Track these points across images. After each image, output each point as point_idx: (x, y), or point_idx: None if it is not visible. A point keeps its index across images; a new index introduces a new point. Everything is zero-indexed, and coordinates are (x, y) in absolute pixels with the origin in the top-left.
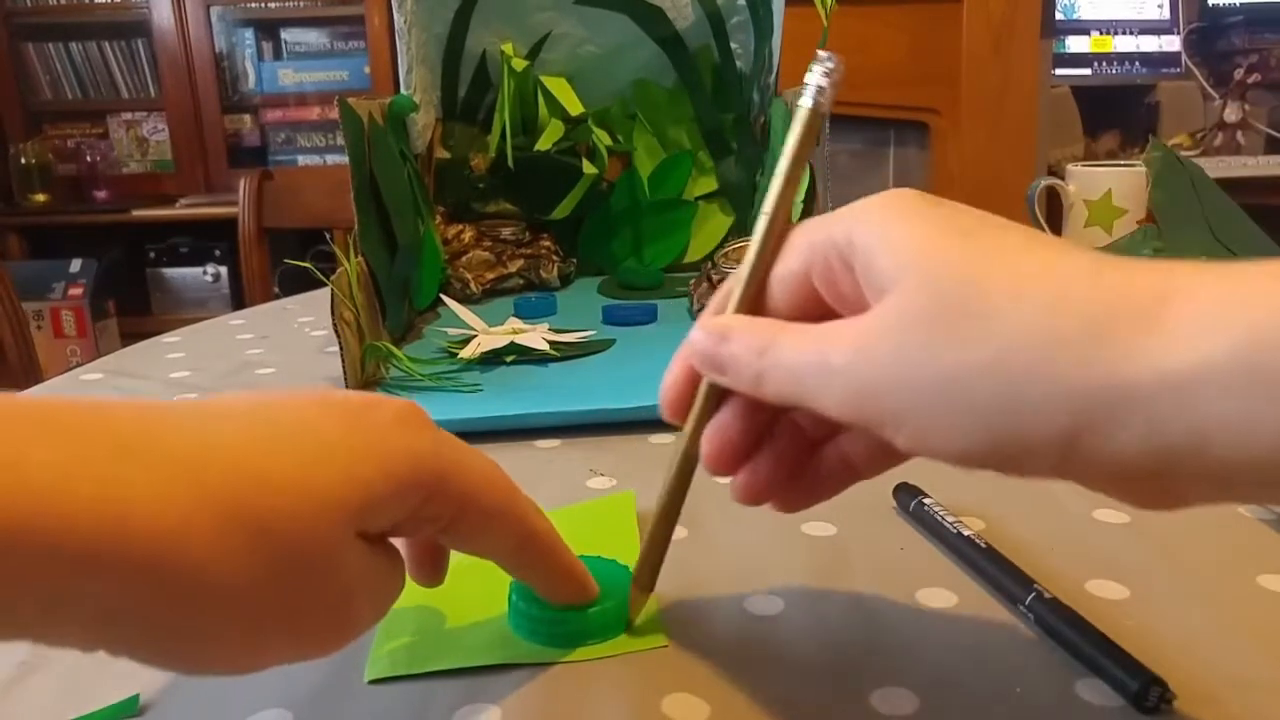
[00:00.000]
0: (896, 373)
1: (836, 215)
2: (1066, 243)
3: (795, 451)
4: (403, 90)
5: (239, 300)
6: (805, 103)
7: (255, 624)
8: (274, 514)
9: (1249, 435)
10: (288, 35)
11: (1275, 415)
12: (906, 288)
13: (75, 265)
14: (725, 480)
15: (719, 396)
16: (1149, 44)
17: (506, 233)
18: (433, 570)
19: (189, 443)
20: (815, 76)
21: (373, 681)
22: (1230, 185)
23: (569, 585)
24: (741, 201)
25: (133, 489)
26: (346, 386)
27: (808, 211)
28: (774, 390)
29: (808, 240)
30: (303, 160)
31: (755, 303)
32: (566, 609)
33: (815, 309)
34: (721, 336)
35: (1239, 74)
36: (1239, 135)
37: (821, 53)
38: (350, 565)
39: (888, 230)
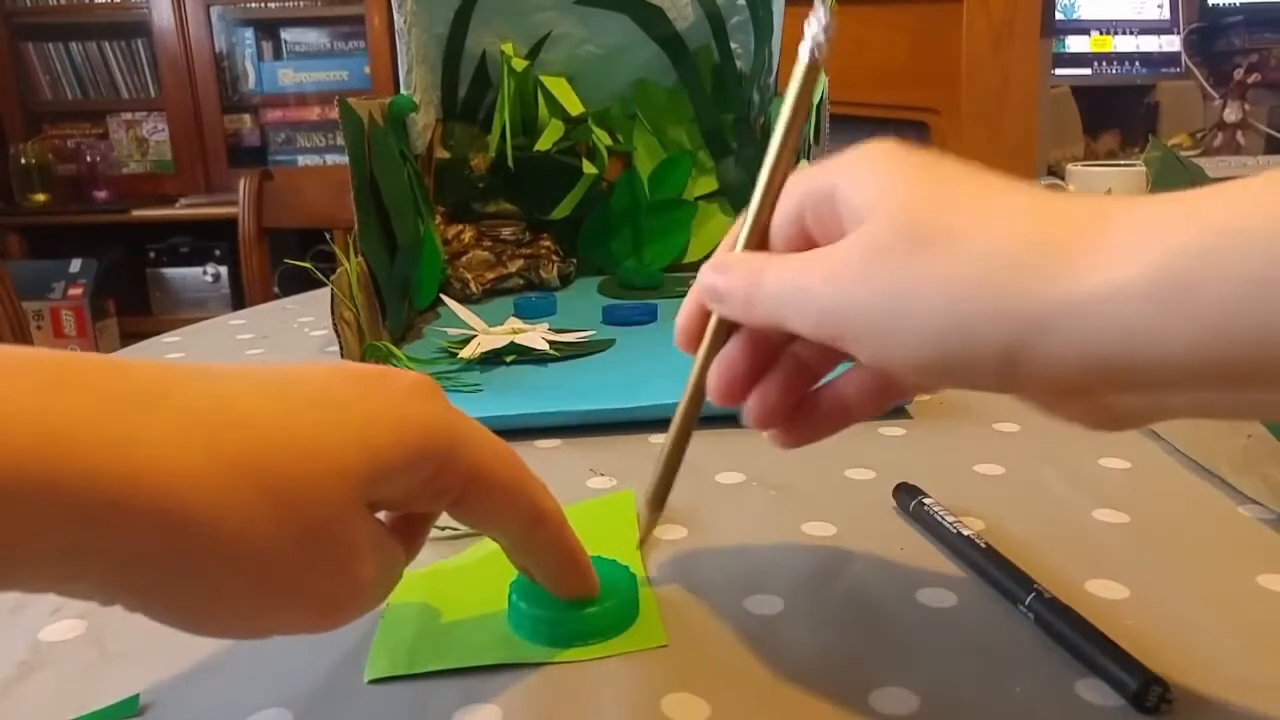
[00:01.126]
0: (859, 293)
1: (826, 165)
2: (1027, 185)
3: (797, 384)
4: (403, 90)
5: (239, 300)
6: (803, 56)
7: (263, 582)
8: (285, 475)
9: (1166, 343)
10: (288, 35)
11: (1187, 324)
12: (875, 219)
13: (75, 265)
14: (726, 481)
15: (726, 332)
16: (1149, 44)
17: (506, 233)
18: (408, 544)
19: (205, 399)
20: (813, 28)
21: (373, 681)
22: None
23: (574, 574)
24: (741, 201)
25: (147, 439)
26: None
27: None
28: (760, 314)
29: (801, 189)
30: (303, 160)
31: (759, 245)
32: (566, 608)
33: (803, 237)
34: (721, 270)
35: (1239, 74)
36: (1239, 135)
37: (819, 5)
38: (358, 533)
39: (865, 174)
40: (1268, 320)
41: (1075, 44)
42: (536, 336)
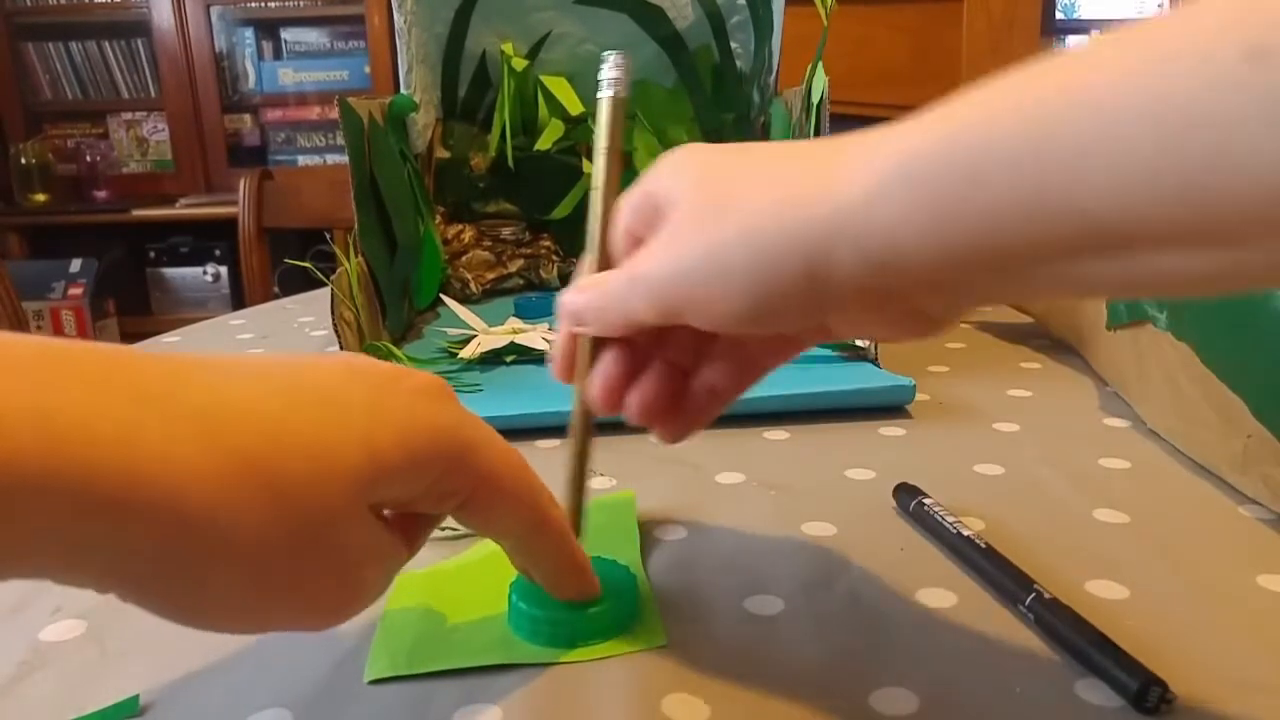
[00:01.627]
0: (676, 267)
1: (644, 175)
2: (813, 142)
3: (669, 382)
4: (403, 90)
5: (239, 300)
6: (606, 93)
7: (261, 579)
8: (285, 474)
9: (911, 236)
10: (288, 35)
11: (925, 218)
12: (680, 205)
13: (75, 265)
14: (726, 481)
15: (596, 351)
16: None
17: (506, 233)
18: (410, 542)
19: (208, 395)
20: (608, 70)
21: (373, 682)
22: None
23: (574, 578)
24: None
25: (148, 436)
26: None
27: None
28: (613, 317)
29: (627, 204)
30: (303, 160)
31: (605, 266)
32: (566, 609)
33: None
34: (571, 298)
35: None
36: None
37: (608, 58)
38: (358, 533)
39: (671, 172)
40: (981, 209)
41: (1076, 43)
42: (537, 336)
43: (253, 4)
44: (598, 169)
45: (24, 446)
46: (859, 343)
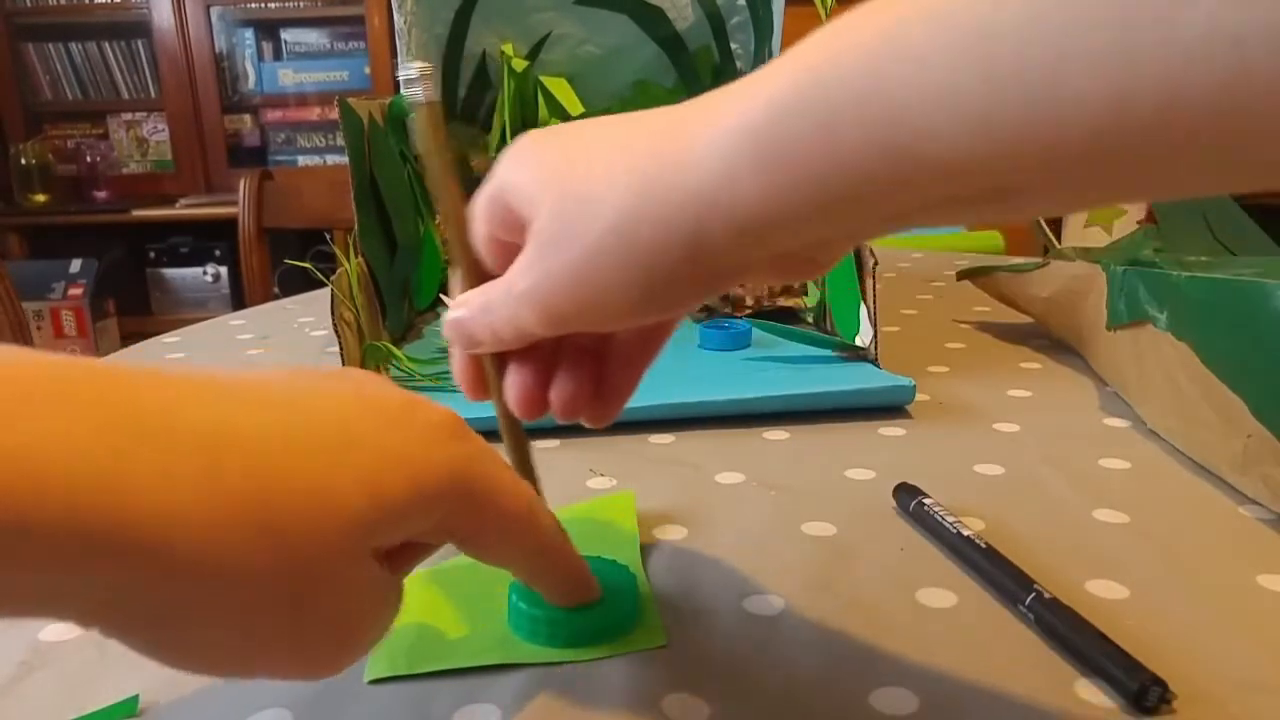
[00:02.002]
0: (557, 280)
1: (490, 177)
2: (653, 113)
3: (585, 370)
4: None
5: (239, 300)
6: (417, 100)
7: (250, 629)
8: (286, 515)
9: (786, 200)
10: (288, 35)
11: (789, 177)
12: (539, 212)
13: (75, 265)
14: (726, 481)
15: (501, 364)
16: None
17: None
18: (402, 566)
19: (210, 426)
20: (407, 77)
21: (373, 681)
22: None
23: (575, 591)
24: None
25: (140, 472)
26: None
27: None
28: (507, 334)
29: (482, 212)
30: (303, 160)
31: (478, 280)
32: (566, 609)
33: (518, 250)
34: (456, 319)
35: None
36: None
37: (403, 65)
38: (355, 581)
39: (519, 172)
40: (839, 159)
41: None
42: None
43: (253, 4)
44: (431, 181)
45: (2, 484)
46: (859, 343)
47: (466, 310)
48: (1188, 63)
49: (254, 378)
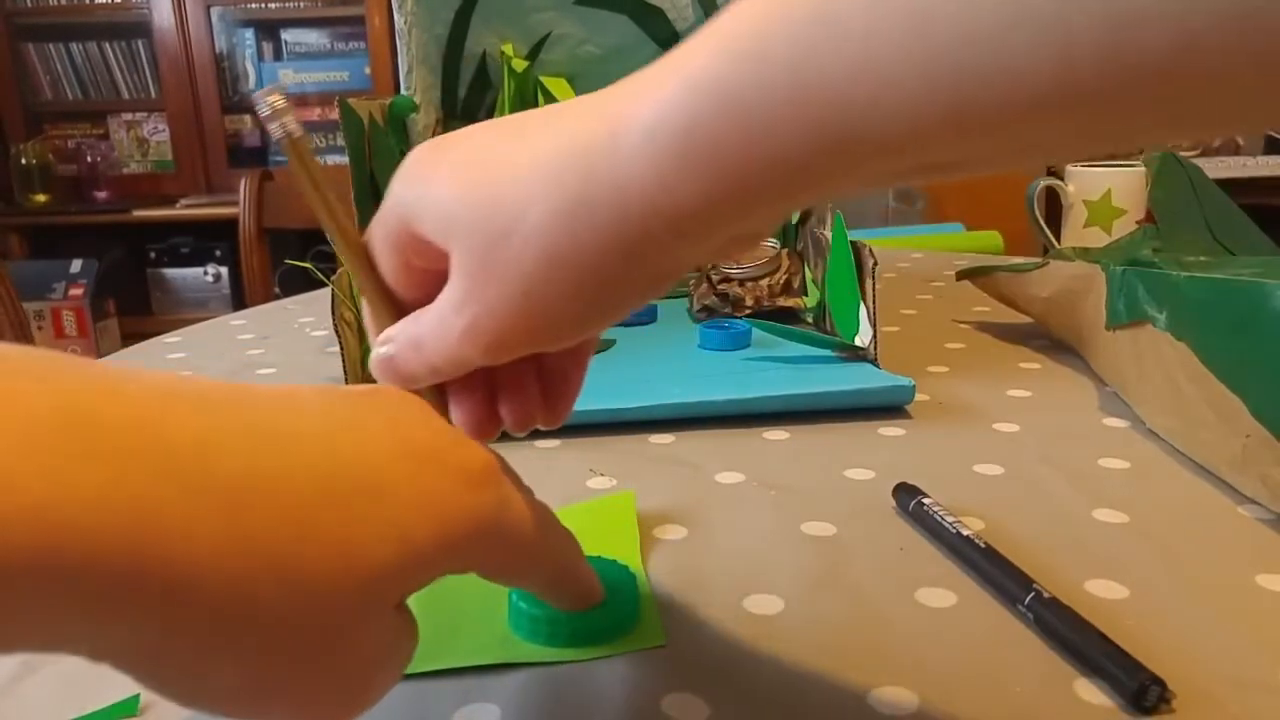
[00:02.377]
0: (497, 310)
1: (388, 196)
2: (572, 107)
3: (530, 380)
4: (403, 91)
5: (239, 300)
6: (286, 133)
7: (264, 672)
8: (309, 567)
9: (727, 190)
10: (288, 36)
11: (729, 169)
12: (459, 239)
13: (76, 265)
14: (726, 481)
15: (439, 390)
16: None
17: None
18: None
19: (236, 469)
20: (264, 107)
21: None
22: (1229, 186)
23: (583, 600)
24: None
25: (166, 518)
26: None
27: (807, 212)
28: (447, 370)
29: (383, 235)
30: None
31: (394, 311)
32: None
33: (438, 275)
34: (386, 359)
35: None
36: (1239, 136)
37: (259, 99)
38: (374, 636)
39: (424, 194)
40: (771, 147)
41: None
42: None
43: (253, 5)
44: (319, 214)
45: (21, 543)
46: (858, 343)
47: (395, 348)
48: (1130, 23)
49: (286, 404)
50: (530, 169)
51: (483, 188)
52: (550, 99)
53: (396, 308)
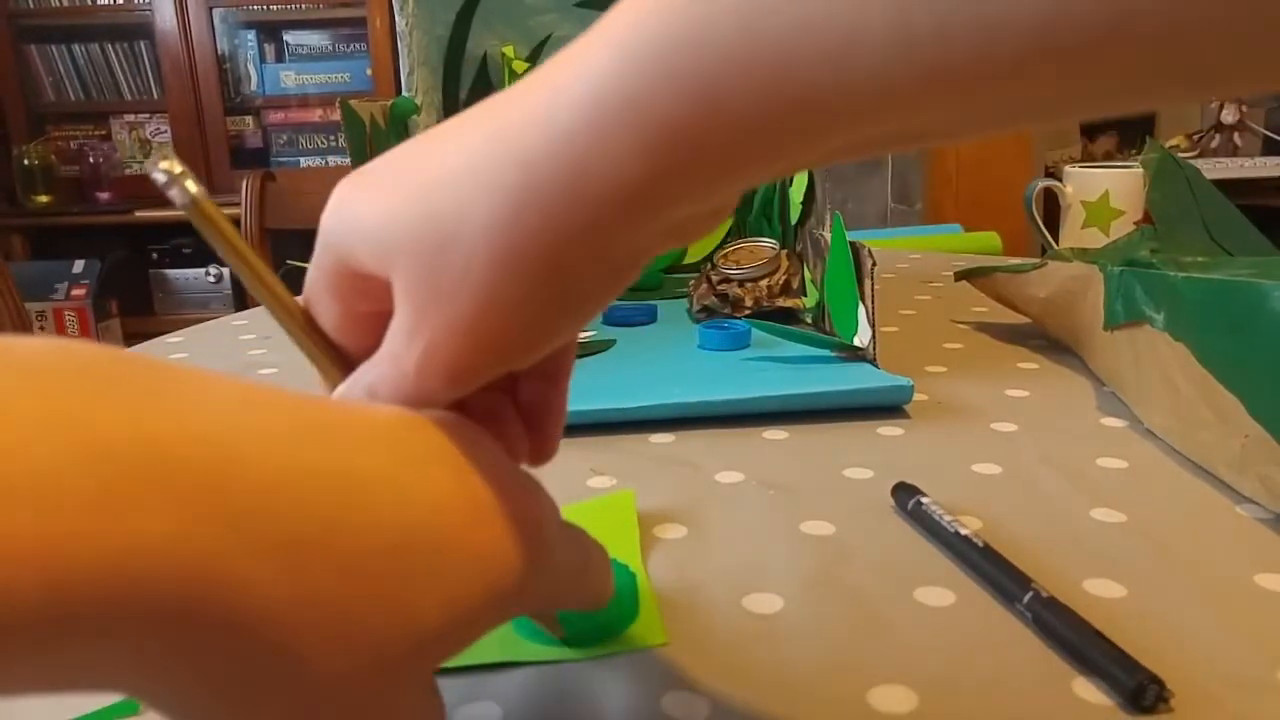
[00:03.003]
0: (454, 334)
1: (318, 239)
2: (504, 101)
3: (509, 413)
4: (404, 92)
5: (241, 301)
6: (190, 197)
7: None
8: (363, 625)
9: (693, 186)
10: (290, 37)
11: (695, 161)
12: (399, 264)
13: (78, 266)
14: (725, 480)
15: None
16: None
17: None
18: None
19: (305, 518)
20: (159, 178)
21: None
22: (1227, 186)
23: (599, 605)
24: (740, 202)
25: (229, 570)
26: None
27: (806, 213)
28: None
29: (320, 282)
30: (305, 162)
31: (346, 369)
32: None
33: (387, 317)
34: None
35: None
36: (1236, 137)
37: (152, 167)
38: (412, 696)
39: (352, 223)
40: (729, 133)
41: None
42: None
43: (255, 6)
44: (244, 279)
45: (90, 585)
46: (857, 343)
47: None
48: None
49: (354, 437)
50: (466, 168)
51: (416, 198)
52: None
53: (346, 363)
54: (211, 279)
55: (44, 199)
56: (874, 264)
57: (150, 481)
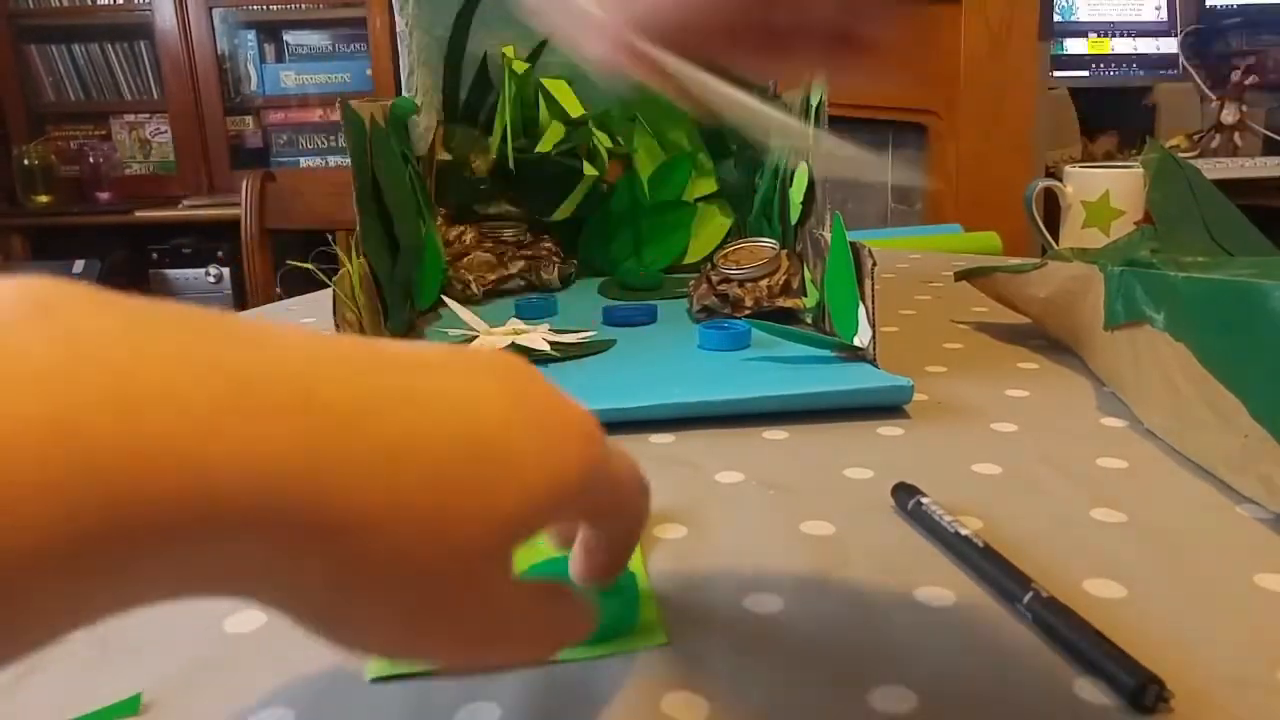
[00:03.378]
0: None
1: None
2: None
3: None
4: (404, 92)
5: (241, 301)
6: None
7: (414, 620)
8: (455, 521)
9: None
10: (290, 37)
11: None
12: None
13: (78, 266)
14: (726, 481)
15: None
16: (1146, 46)
17: (508, 234)
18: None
19: (393, 433)
20: None
21: (375, 680)
22: (1228, 187)
23: (615, 570)
24: (741, 203)
25: (337, 475)
26: None
27: (806, 213)
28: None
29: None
30: (305, 162)
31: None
32: None
33: None
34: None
35: (1236, 75)
36: (1236, 137)
37: None
38: (503, 580)
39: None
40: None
41: (1073, 46)
42: (537, 337)
43: (255, 6)
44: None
45: (233, 491)
46: (857, 343)
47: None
48: None
49: (420, 365)
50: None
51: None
52: (551, 101)
53: None
54: (211, 279)
55: (44, 199)
56: (874, 264)
57: (255, 398)
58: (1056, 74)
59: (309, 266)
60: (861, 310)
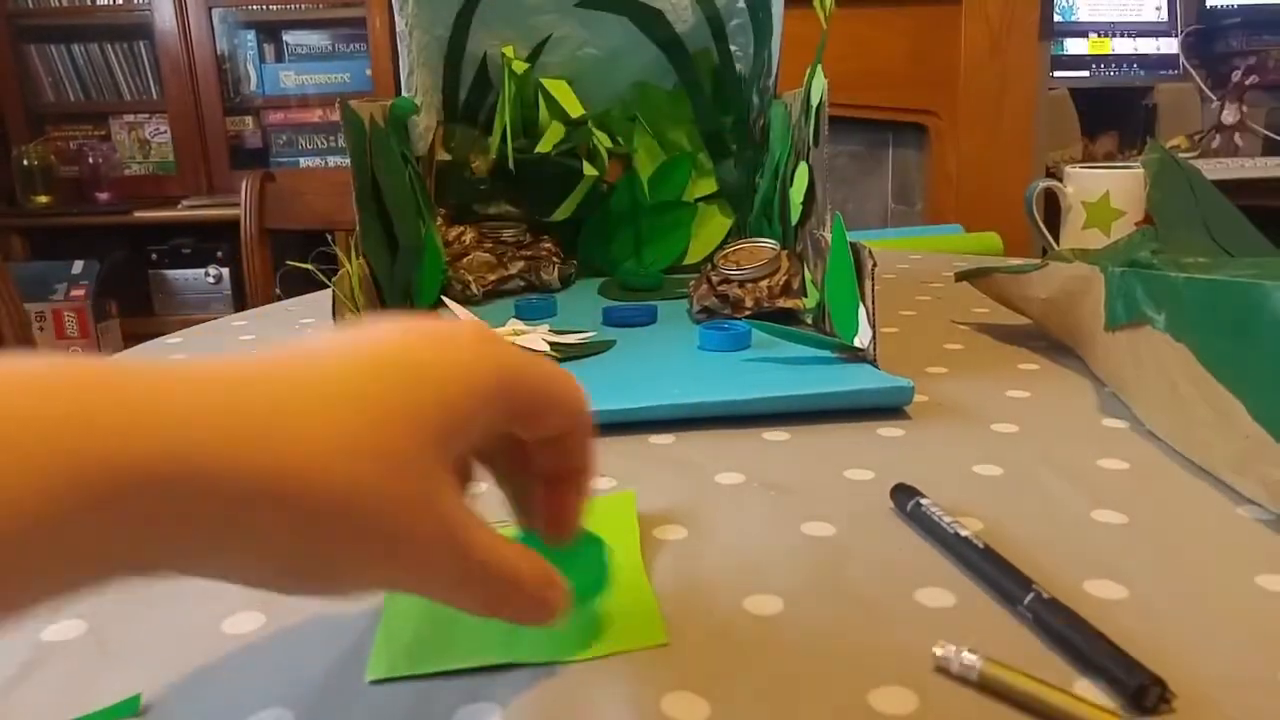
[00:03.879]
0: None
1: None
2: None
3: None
4: (404, 92)
5: (241, 301)
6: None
7: (386, 551)
8: (393, 447)
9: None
10: (289, 37)
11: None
12: None
13: (77, 266)
14: (726, 481)
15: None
16: (1147, 46)
17: (507, 234)
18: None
19: (319, 379)
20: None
21: (374, 681)
22: (1228, 187)
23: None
24: (741, 203)
25: (284, 431)
26: None
27: (807, 213)
28: None
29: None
30: (304, 162)
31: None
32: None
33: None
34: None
35: (1237, 76)
36: (1237, 137)
37: None
38: (451, 492)
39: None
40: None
41: (1073, 46)
42: (537, 338)
43: (254, 6)
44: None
45: (201, 451)
46: (858, 344)
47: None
48: None
49: (332, 344)
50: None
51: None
52: (551, 101)
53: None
54: (211, 279)
55: (43, 199)
56: (874, 264)
57: (199, 382)
58: (1057, 74)
59: (308, 267)
60: (862, 311)
